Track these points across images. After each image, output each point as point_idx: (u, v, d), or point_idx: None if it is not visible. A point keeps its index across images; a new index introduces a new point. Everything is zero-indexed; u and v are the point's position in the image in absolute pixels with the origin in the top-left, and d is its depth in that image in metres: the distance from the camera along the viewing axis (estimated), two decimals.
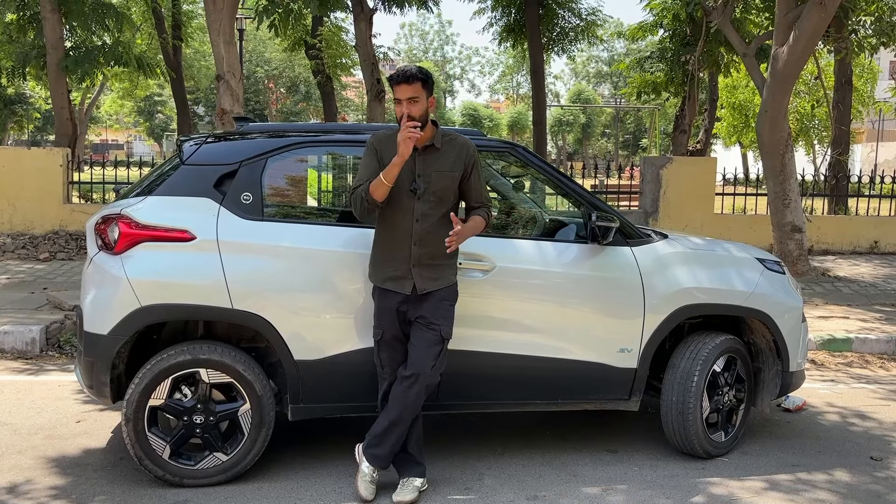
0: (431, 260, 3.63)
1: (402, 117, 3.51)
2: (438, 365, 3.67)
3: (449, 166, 3.66)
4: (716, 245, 4.80)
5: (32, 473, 3.95)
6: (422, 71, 3.60)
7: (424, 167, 3.63)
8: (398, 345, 3.72)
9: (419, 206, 3.61)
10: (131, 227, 3.75)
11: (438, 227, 3.62)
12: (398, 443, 3.72)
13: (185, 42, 20.92)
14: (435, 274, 3.65)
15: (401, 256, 3.63)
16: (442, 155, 3.66)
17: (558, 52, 19.61)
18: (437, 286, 3.65)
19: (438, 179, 3.63)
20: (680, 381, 4.26)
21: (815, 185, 12.80)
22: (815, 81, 19.91)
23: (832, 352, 6.97)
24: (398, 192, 3.58)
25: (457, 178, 3.67)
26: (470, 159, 3.70)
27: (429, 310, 3.64)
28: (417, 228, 3.61)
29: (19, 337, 6.35)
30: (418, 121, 3.52)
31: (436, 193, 3.62)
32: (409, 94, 3.53)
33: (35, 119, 37.96)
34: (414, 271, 3.62)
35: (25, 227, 10.67)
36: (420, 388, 3.64)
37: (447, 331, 3.67)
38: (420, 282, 3.62)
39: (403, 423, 3.69)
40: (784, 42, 9.23)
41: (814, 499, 3.91)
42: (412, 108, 3.53)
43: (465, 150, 3.71)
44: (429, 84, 3.59)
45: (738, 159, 35.83)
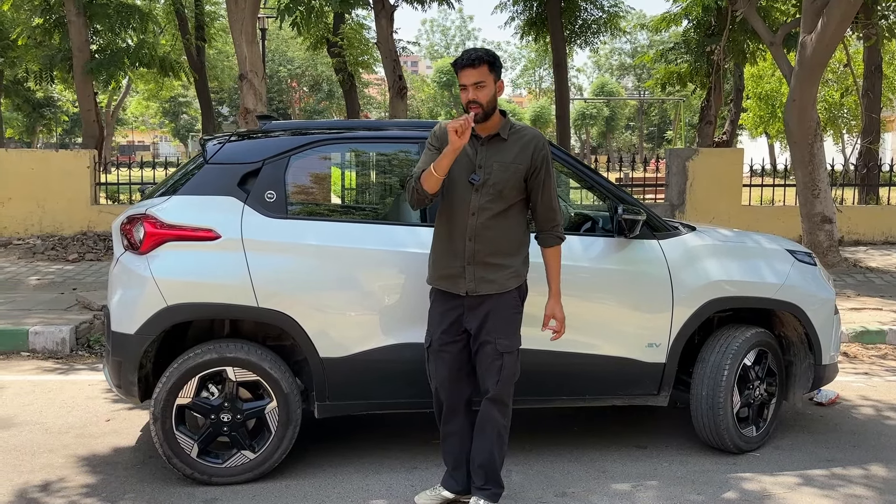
0: (488, 259, 3.37)
1: (468, 104, 3.30)
2: (505, 379, 3.42)
3: (512, 158, 3.36)
4: (745, 237, 4.73)
5: (64, 472, 3.99)
6: (488, 53, 3.35)
7: (486, 158, 3.37)
8: (447, 357, 3.48)
9: (476, 198, 3.36)
10: (156, 227, 3.77)
11: (497, 223, 3.37)
12: (504, 459, 3.54)
13: (209, 43, 21.10)
14: (491, 275, 3.38)
15: (456, 252, 3.40)
16: (507, 146, 3.37)
17: (581, 44, 19.53)
18: (492, 290, 3.38)
19: (499, 171, 3.35)
20: (710, 376, 4.20)
21: (845, 175, 12.60)
22: (843, 69, 19.60)
23: (865, 344, 6.84)
24: (456, 183, 3.37)
25: (520, 172, 3.36)
26: (539, 154, 3.37)
27: (484, 321, 3.40)
28: (472, 223, 3.36)
29: (50, 337, 6.43)
30: (485, 107, 3.30)
31: (495, 186, 3.34)
32: (475, 79, 3.28)
33: (63, 122, 38.51)
34: (468, 269, 3.38)
35: (54, 228, 10.80)
36: (499, 406, 3.45)
37: (504, 343, 3.39)
38: (473, 283, 3.38)
39: (503, 442, 3.50)
40: (812, 29, 9.07)
41: (850, 494, 3.84)
42: (479, 93, 3.28)
43: (535, 143, 3.39)
44: (496, 67, 3.33)
45: (765, 150, 35.40)
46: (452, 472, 3.62)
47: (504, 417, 3.48)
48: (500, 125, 3.40)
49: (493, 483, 3.49)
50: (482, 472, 3.49)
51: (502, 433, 3.48)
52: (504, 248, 3.40)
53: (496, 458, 3.48)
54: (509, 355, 3.43)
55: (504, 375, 3.43)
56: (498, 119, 3.40)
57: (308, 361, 3.85)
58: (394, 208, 4.46)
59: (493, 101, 3.35)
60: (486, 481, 3.49)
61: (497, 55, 3.39)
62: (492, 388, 3.44)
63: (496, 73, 3.34)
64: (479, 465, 3.49)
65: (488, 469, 3.48)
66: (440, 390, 3.56)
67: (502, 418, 3.48)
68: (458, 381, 3.54)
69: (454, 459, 3.61)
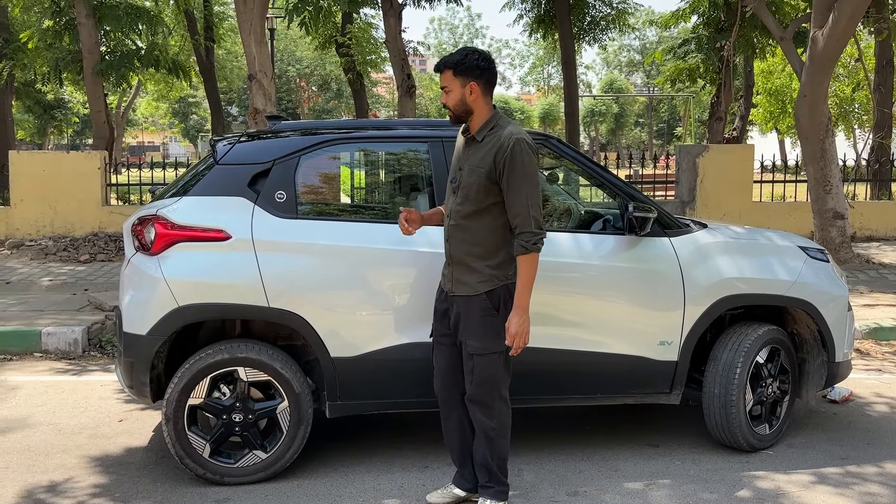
0: (461, 260, 3.38)
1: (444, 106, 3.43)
2: (479, 381, 3.39)
3: (478, 161, 3.31)
4: (757, 234, 4.70)
5: (77, 472, 4.01)
6: (453, 57, 3.36)
7: (465, 160, 3.40)
8: (442, 347, 3.56)
9: (452, 200, 3.43)
10: (167, 228, 3.78)
11: (467, 225, 3.35)
12: (502, 457, 3.50)
13: (217, 43, 21.14)
14: (464, 277, 3.38)
15: (445, 252, 3.50)
16: (479, 148, 3.35)
17: (589, 41, 19.45)
18: (462, 291, 3.38)
19: (467, 174, 3.35)
20: (722, 374, 4.18)
21: (857, 171, 12.52)
22: (855, 64, 19.47)
23: (879, 341, 6.79)
24: (447, 185, 3.53)
25: (483, 176, 3.28)
26: (502, 156, 3.24)
27: (458, 321, 3.44)
28: (447, 224, 3.45)
29: (62, 338, 6.46)
30: (452, 110, 3.38)
31: (463, 189, 3.36)
32: (442, 84, 3.39)
33: (74, 123, 38.69)
34: (448, 269, 3.47)
35: (66, 229, 10.85)
36: (480, 407, 3.43)
37: (473, 345, 3.36)
38: (451, 283, 3.45)
39: (494, 443, 3.45)
40: (823, 24, 9.00)
41: (865, 492, 3.81)
42: (446, 97, 3.39)
43: (500, 144, 3.26)
44: (462, 71, 3.31)
45: (775, 146, 35.21)
46: (461, 469, 3.63)
47: (489, 418, 3.43)
48: (479, 127, 3.37)
49: (495, 481, 3.49)
50: (483, 471, 3.51)
51: (490, 435, 3.44)
52: (474, 252, 3.35)
53: (489, 458, 3.47)
54: (480, 357, 3.37)
55: (478, 377, 3.39)
56: (480, 118, 3.37)
57: (319, 361, 3.86)
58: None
59: (462, 105, 3.35)
60: (489, 479, 3.50)
61: (467, 56, 3.33)
62: (468, 389, 3.47)
63: (464, 77, 3.31)
64: (478, 463, 3.53)
65: (486, 467, 3.50)
66: (438, 378, 3.61)
67: (487, 419, 3.44)
68: (453, 374, 3.54)
69: (459, 456, 3.63)
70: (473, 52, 3.38)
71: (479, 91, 3.33)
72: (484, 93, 3.35)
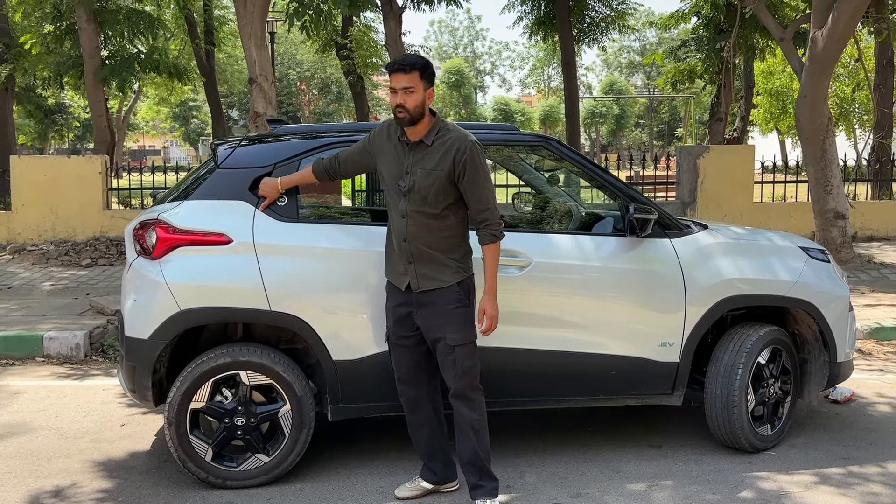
0: (424, 258, 3.45)
1: (395, 107, 3.38)
2: (462, 372, 3.47)
3: (434, 164, 3.40)
4: (758, 234, 4.70)
5: (79, 477, 4.02)
6: (421, 60, 3.43)
7: (412, 164, 3.45)
8: (402, 349, 3.60)
9: (405, 203, 3.45)
10: (169, 232, 3.78)
11: (429, 225, 3.44)
12: (488, 451, 3.55)
13: (218, 47, 21.15)
14: (431, 272, 3.45)
15: (399, 251, 3.51)
16: (431, 152, 3.43)
17: (589, 43, 19.46)
18: (433, 286, 3.45)
19: (422, 178, 3.41)
20: (724, 374, 4.18)
21: (858, 171, 12.52)
22: (855, 64, 19.47)
23: (880, 340, 6.79)
24: (389, 187, 3.53)
25: (442, 178, 3.38)
26: (460, 157, 3.38)
27: (429, 317, 3.47)
28: (404, 225, 3.46)
29: (64, 342, 6.47)
30: (411, 112, 3.37)
31: (419, 192, 3.41)
32: (405, 84, 3.37)
33: (75, 128, 38.74)
34: (409, 268, 3.48)
35: (68, 234, 10.87)
36: (464, 401, 3.50)
37: (454, 337, 3.44)
38: (415, 279, 3.47)
39: (480, 436, 3.52)
40: (822, 24, 9.01)
41: (867, 492, 3.81)
42: (407, 97, 3.36)
43: (456, 147, 3.39)
44: (427, 75, 3.42)
45: (776, 146, 35.20)
46: (428, 462, 3.71)
47: (474, 411, 3.51)
48: (427, 130, 3.44)
49: (486, 478, 3.53)
50: (472, 469, 3.54)
51: (476, 427, 3.51)
52: (440, 247, 3.45)
53: (479, 453, 3.51)
54: (461, 348, 3.46)
55: (460, 368, 3.47)
56: (426, 124, 3.44)
57: (321, 364, 3.86)
58: None
59: (421, 108, 3.39)
60: (480, 477, 3.54)
61: (429, 63, 3.46)
62: (452, 384, 3.50)
63: (427, 81, 3.41)
64: (467, 462, 3.56)
65: (476, 464, 3.53)
66: (400, 382, 3.66)
67: (472, 413, 3.50)
68: (418, 373, 3.64)
69: (427, 450, 3.71)
70: (428, 61, 3.48)
71: (432, 98, 3.48)
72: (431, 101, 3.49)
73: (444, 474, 3.72)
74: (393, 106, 3.40)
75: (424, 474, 3.74)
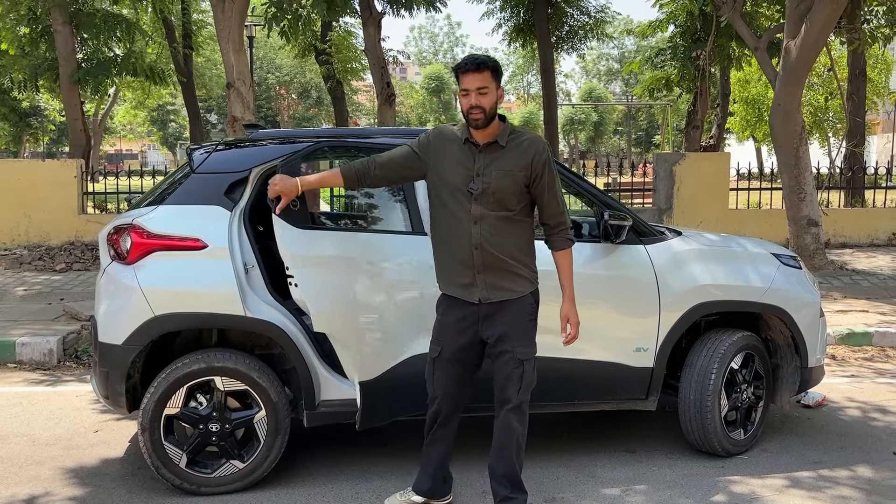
0: (498, 265, 3.31)
1: (469, 109, 3.25)
2: (525, 386, 3.38)
3: (511, 165, 3.29)
4: (731, 241, 4.76)
5: (51, 484, 3.97)
6: (492, 59, 3.30)
7: (485, 166, 3.30)
8: (457, 366, 3.43)
9: (476, 207, 3.28)
10: (143, 237, 3.76)
11: (502, 230, 3.31)
12: (522, 464, 3.48)
13: (196, 51, 21.03)
14: (502, 282, 3.33)
15: (465, 262, 3.33)
16: (505, 153, 3.31)
17: (568, 50, 19.60)
18: (506, 296, 3.33)
19: (498, 179, 3.27)
20: (697, 380, 4.22)
21: (831, 178, 12.68)
22: (828, 73, 19.74)
23: (852, 346, 6.89)
24: (455, 192, 3.32)
25: (520, 180, 3.29)
26: (539, 158, 3.30)
27: (500, 328, 3.34)
28: (476, 231, 3.29)
29: (37, 348, 6.39)
30: (487, 113, 3.25)
31: (495, 195, 3.28)
32: (479, 84, 3.22)
33: (50, 131, 38.29)
34: (479, 278, 3.32)
35: (41, 238, 10.75)
36: (519, 414, 3.40)
37: (523, 351, 3.34)
38: (486, 290, 3.33)
39: (522, 449, 3.45)
40: (796, 34, 9.14)
41: (837, 495, 3.86)
42: (482, 98, 3.22)
43: (534, 148, 3.32)
44: (499, 73, 3.29)
45: (752, 154, 35.59)
46: (431, 475, 3.61)
47: (522, 426, 3.45)
48: (500, 132, 3.34)
49: (518, 490, 3.47)
50: (506, 482, 3.45)
51: (521, 441, 3.46)
52: (513, 254, 3.34)
53: (517, 466, 3.46)
54: (529, 362, 3.37)
55: (525, 383, 3.38)
56: (497, 125, 3.34)
57: (297, 370, 3.85)
58: (378, 216, 4.47)
59: (495, 108, 3.29)
60: (512, 489, 3.45)
61: (499, 63, 3.34)
62: (514, 398, 3.39)
63: (498, 80, 3.29)
64: (503, 475, 3.45)
65: (512, 478, 3.45)
66: (443, 399, 3.49)
67: (521, 426, 3.45)
68: (462, 390, 3.52)
69: (437, 464, 3.61)
70: (497, 60, 3.34)
71: (503, 98, 3.36)
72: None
73: (441, 489, 3.63)
74: (466, 108, 3.26)
75: (419, 487, 3.62)
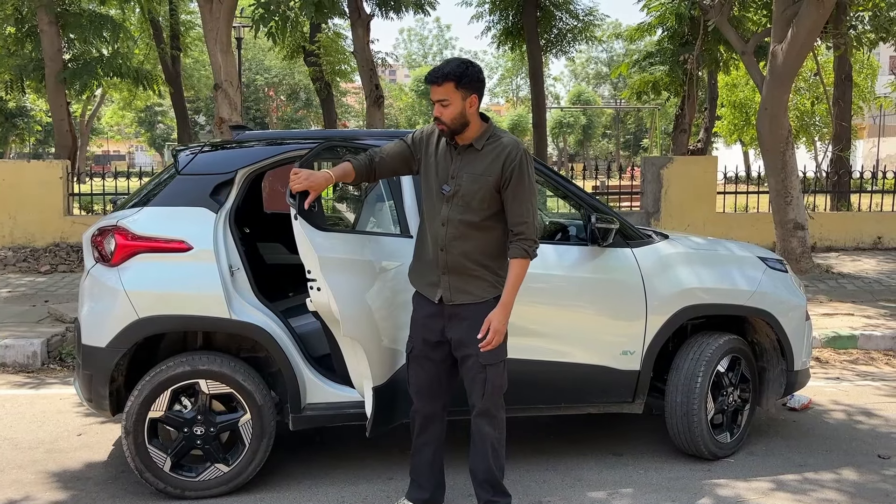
0: (461, 269, 3.30)
1: (434, 119, 3.28)
2: (490, 392, 3.34)
3: (482, 169, 3.26)
4: (717, 244, 4.77)
5: (33, 489, 3.93)
6: (456, 69, 3.20)
7: (459, 168, 3.29)
8: (427, 363, 3.43)
9: (446, 209, 3.29)
10: (127, 239, 3.73)
11: (469, 234, 3.28)
12: (503, 468, 3.47)
13: (184, 52, 20.96)
14: (465, 285, 3.30)
15: (432, 261, 3.35)
16: (480, 157, 3.28)
17: (557, 53, 19.65)
18: (467, 300, 3.31)
19: (469, 183, 3.26)
20: (684, 383, 4.23)
21: (817, 182, 12.76)
22: (814, 78, 19.83)
23: (837, 349, 6.92)
24: (431, 192, 3.35)
25: (489, 184, 3.24)
26: (509, 163, 3.24)
27: (462, 332, 3.31)
28: (443, 233, 3.30)
29: (20, 350, 6.33)
30: (449, 125, 3.23)
31: (464, 198, 3.26)
32: (440, 97, 3.21)
33: (36, 132, 38.05)
34: (443, 279, 3.32)
35: (26, 239, 10.66)
36: (489, 418, 3.38)
37: (486, 355, 3.28)
38: (448, 291, 3.32)
39: (498, 454, 3.43)
40: (782, 39, 9.20)
41: (822, 498, 3.87)
42: (443, 111, 3.21)
43: (507, 153, 3.26)
44: (465, 83, 3.19)
45: (740, 157, 35.77)
46: (423, 481, 3.58)
47: (496, 430, 3.42)
48: (478, 135, 3.30)
49: (499, 493, 3.46)
50: (487, 486, 3.45)
51: (496, 446, 3.43)
52: (478, 259, 3.31)
53: (495, 471, 3.44)
54: (493, 367, 3.33)
55: (489, 388, 3.34)
56: (476, 129, 3.29)
57: (282, 373, 3.82)
58: (361, 216, 4.46)
59: (461, 118, 3.23)
60: (494, 493, 3.45)
61: (468, 69, 3.23)
62: (478, 403, 3.38)
63: (466, 89, 3.20)
64: (484, 480, 3.45)
65: (492, 482, 3.45)
66: (418, 397, 3.49)
67: (494, 431, 3.42)
68: (438, 388, 3.49)
69: (428, 470, 3.57)
70: (471, 65, 3.26)
71: (477, 103, 3.27)
72: (479, 104, 3.32)
73: (435, 496, 3.59)
74: (434, 117, 3.28)
75: (413, 495, 3.58)
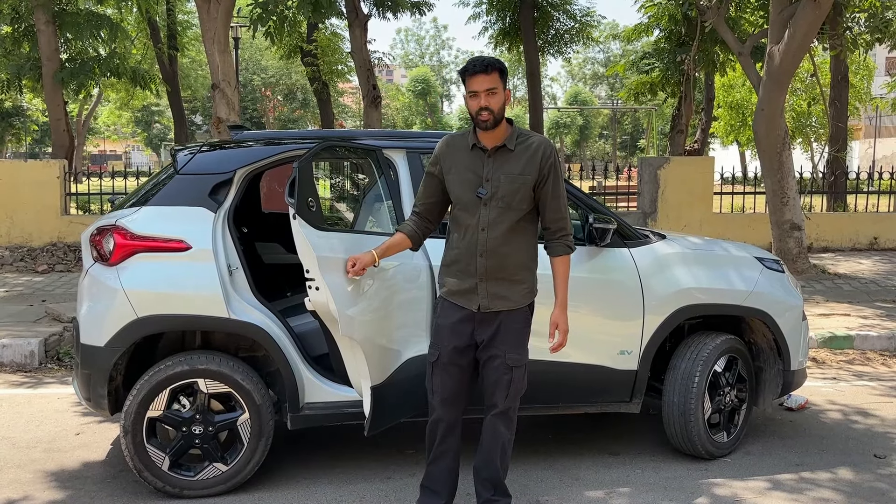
0: (500, 275, 3.28)
1: (478, 111, 3.20)
2: (513, 394, 3.36)
3: (520, 169, 3.26)
4: (714, 244, 4.79)
5: (31, 488, 3.93)
6: (498, 60, 3.23)
7: (493, 170, 3.26)
8: (454, 370, 3.36)
9: (485, 212, 3.25)
10: (126, 238, 3.73)
11: (509, 238, 3.27)
12: (507, 467, 3.49)
13: (181, 52, 20.95)
14: (503, 291, 3.29)
15: (469, 268, 3.29)
16: (514, 157, 3.27)
17: (554, 54, 19.67)
18: (503, 306, 3.30)
19: (507, 184, 3.24)
20: (681, 382, 4.24)
21: (814, 183, 12.79)
22: (811, 79, 19.93)
23: (833, 349, 6.94)
24: (464, 198, 3.29)
25: (528, 184, 3.25)
26: (546, 161, 3.26)
27: (494, 335, 3.31)
28: (483, 238, 3.25)
29: (18, 350, 6.33)
30: (496, 115, 3.20)
31: (504, 199, 3.24)
32: (488, 85, 3.17)
33: (33, 132, 38.04)
34: (480, 286, 3.29)
35: (23, 239, 10.65)
36: (505, 419, 3.40)
37: (514, 357, 3.32)
38: (486, 299, 3.29)
39: (507, 454, 3.45)
40: (779, 40, 9.23)
41: (818, 498, 3.89)
42: (490, 99, 3.17)
43: (541, 151, 3.28)
44: (505, 75, 3.23)
45: (736, 158, 35.84)
46: (439, 488, 3.48)
47: (509, 431, 3.45)
48: (507, 135, 3.30)
49: (500, 493, 3.48)
50: (489, 485, 3.46)
51: (506, 446, 3.45)
52: (518, 263, 3.32)
53: (499, 470, 3.46)
54: (518, 369, 3.35)
55: (513, 390, 3.37)
56: (504, 129, 3.29)
57: (281, 372, 3.83)
58: (359, 216, 4.46)
59: (503, 109, 3.24)
60: (495, 492, 3.46)
61: (505, 64, 3.29)
62: (500, 403, 3.38)
63: (504, 82, 3.23)
64: (486, 478, 3.46)
65: (495, 481, 3.46)
66: (443, 405, 3.41)
67: (507, 432, 3.44)
68: (462, 395, 3.45)
69: (447, 475, 3.49)
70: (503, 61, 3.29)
71: (509, 99, 3.28)
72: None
73: (449, 502, 3.53)
74: (475, 110, 3.21)
75: (428, 502, 3.50)
